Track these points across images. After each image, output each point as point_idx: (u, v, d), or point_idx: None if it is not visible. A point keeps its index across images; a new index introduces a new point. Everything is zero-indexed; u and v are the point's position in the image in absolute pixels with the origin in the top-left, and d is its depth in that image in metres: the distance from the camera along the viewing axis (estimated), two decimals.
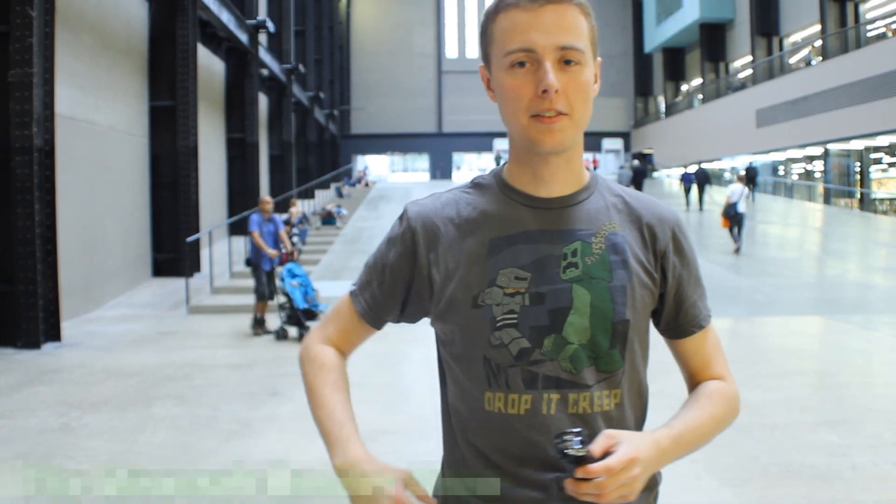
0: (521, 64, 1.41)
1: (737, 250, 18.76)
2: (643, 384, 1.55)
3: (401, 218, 1.60)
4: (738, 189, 18.81)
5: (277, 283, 11.45)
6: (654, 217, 1.55)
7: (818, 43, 31.54)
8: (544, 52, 1.38)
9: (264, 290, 11.39)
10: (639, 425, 1.53)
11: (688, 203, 29.43)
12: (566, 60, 1.39)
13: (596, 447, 1.32)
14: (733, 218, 18.66)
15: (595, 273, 1.46)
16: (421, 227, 1.55)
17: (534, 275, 1.46)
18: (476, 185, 1.60)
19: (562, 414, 1.43)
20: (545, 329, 1.44)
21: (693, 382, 1.63)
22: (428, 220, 1.55)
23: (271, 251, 11.40)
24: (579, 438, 1.30)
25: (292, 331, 11.35)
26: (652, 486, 1.53)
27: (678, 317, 1.57)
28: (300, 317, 10.91)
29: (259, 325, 11.42)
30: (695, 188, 29.64)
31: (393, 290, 1.59)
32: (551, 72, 1.37)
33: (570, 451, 1.29)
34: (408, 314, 1.62)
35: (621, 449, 1.32)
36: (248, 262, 11.99)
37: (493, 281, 1.46)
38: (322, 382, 1.61)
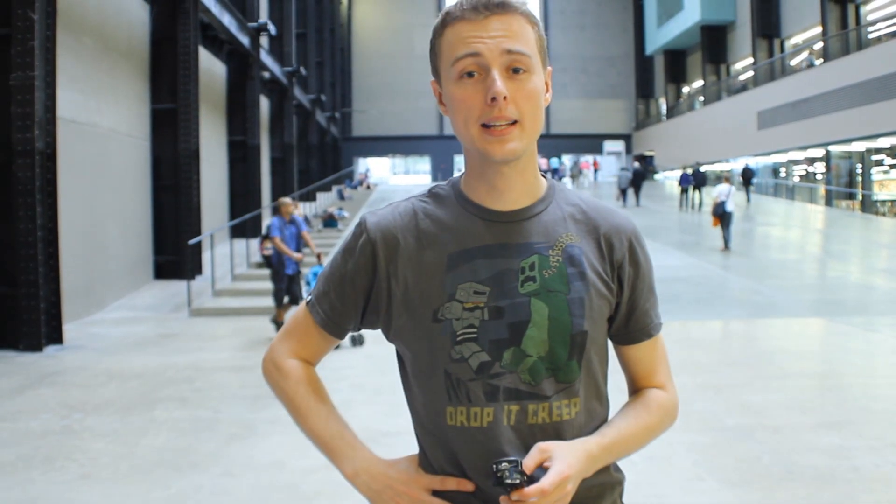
0: (470, 74, 1.41)
1: (725, 248, 19.39)
2: (602, 390, 1.57)
3: (358, 228, 1.58)
4: (724, 189, 19.56)
5: (303, 285, 11.40)
6: (612, 227, 1.55)
7: (819, 45, 31.54)
8: (491, 58, 1.39)
9: (283, 296, 11.25)
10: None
11: (684, 203, 29.72)
12: (514, 69, 1.40)
13: (529, 461, 1.36)
14: (722, 216, 19.36)
15: (553, 286, 1.47)
16: (381, 239, 1.54)
17: (492, 289, 1.46)
18: (434, 195, 1.59)
19: (522, 425, 1.44)
20: (504, 342, 1.45)
21: (634, 388, 1.65)
22: (388, 232, 1.54)
23: (296, 255, 11.11)
24: (515, 468, 1.33)
25: None
26: (614, 484, 1.56)
27: (628, 324, 1.59)
28: None
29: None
30: (691, 189, 30.17)
31: (354, 301, 1.58)
32: (499, 79, 1.38)
33: (508, 481, 1.32)
34: (367, 322, 1.61)
35: (554, 467, 1.36)
36: (269, 265, 11.57)
37: (452, 295, 1.47)
38: (304, 395, 1.63)
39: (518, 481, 1.32)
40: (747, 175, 31.93)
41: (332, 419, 1.60)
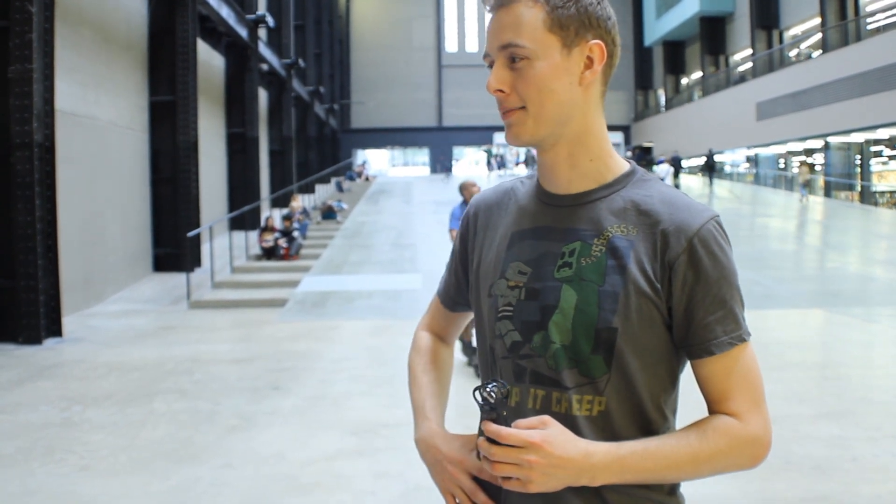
0: (491, 67, 1.45)
1: None
2: (644, 399, 1.44)
3: (468, 203, 1.73)
4: (664, 168, 24.72)
5: None
6: (673, 224, 1.41)
7: (818, 36, 31.49)
8: (495, 55, 1.43)
9: None
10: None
11: None
12: (513, 58, 1.41)
13: (522, 421, 1.33)
14: None
15: (587, 275, 1.42)
16: (473, 214, 1.67)
17: (533, 270, 1.47)
18: (530, 176, 1.64)
19: (546, 411, 1.41)
20: (535, 325, 1.44)
21: (709, 413, 1.48)
22: (480, 208, 1.66)
23: None
24: (496, 388, 1.33)
25: None
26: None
27: (687, 336, 1.42)
28: None
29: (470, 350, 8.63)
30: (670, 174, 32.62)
31: (457, 273, 1.72)
32: (492, 73, 1.42)
33: (483, 393, 1.32)
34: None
35: (531, 430, 1.31)
36: None
37: (503, 272, 1.51)
38: (415, 364, 1.75)
39: (492, 400, 1.32)
40: (709, 161, 34.66)
41: (424, 390, 1.69)
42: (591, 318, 1.40)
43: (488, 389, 1.33)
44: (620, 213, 1.45)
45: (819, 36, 31.40)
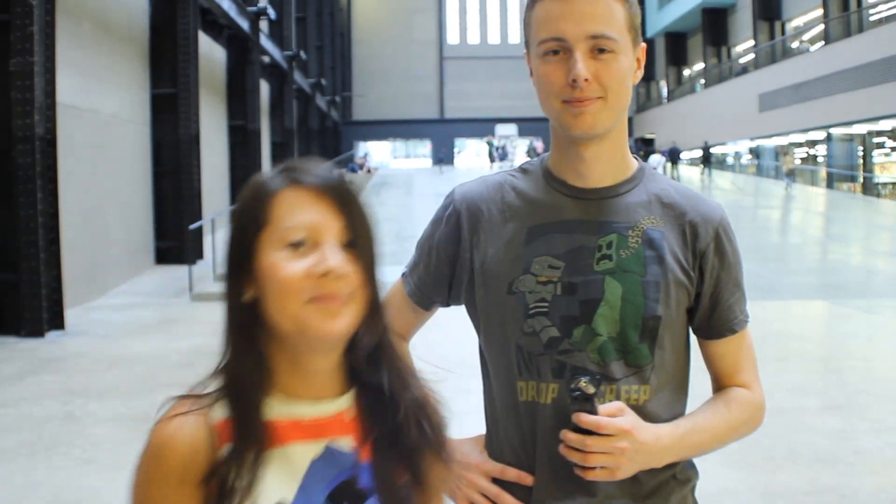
0: (555, 52, 1.41)
1: None
2: (677, 383, 1.53)
3: (447, 198, 1.62)
4: (656, 158, 27.18)
5: None
6: (699, 215, 1.51)
7: (820, 28, 31.41)
8: (575, 42, 1.38)
9: None
10: None
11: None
12: (599, 49, 1.38)
13: (603, 408, 1.34)
14: None
15: (628, 267, 1.45)
16: (465, 210, 1.57)
17: (567, 264, 1.46)
18: (523, 170, 1.60)
19: None
20: (575, 319, 1.44)
21: (718, 386, 1.60)
22: (472, 203, 1.57)
23: None
24: (589, 380, 1.33)
25: None
26: (684, 481, 1.54)
27: (711, 318, 1.53)
28: None
29: None
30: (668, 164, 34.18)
31: (439, 271, 1.61)
32: (580, 61, 1.37)
33: (580, 386, 1.32)
34: (454, 296, 1.63)
35: (621, 418, 1.34)
36: None
37: (527, 268, 1.47)
38: None
39: (591, 391, 1.32)
40: (705, 153, 35.97)
41: None
42: (638, 308, 1.44)
43: (583, 381, 1.33)
44: (646, 206, 1.50)
45: (821, 27, 31.30)
